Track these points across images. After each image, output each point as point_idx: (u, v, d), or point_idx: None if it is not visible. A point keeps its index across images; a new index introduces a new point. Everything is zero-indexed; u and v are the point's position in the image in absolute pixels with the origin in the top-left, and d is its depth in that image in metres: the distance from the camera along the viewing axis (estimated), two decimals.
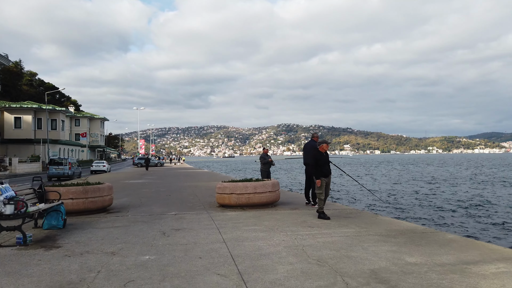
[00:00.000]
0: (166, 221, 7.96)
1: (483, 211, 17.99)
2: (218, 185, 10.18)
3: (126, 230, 7.03)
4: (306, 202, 10.51)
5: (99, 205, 9.32)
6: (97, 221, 8.07)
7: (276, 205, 10.32)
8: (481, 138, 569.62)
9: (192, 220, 8.04)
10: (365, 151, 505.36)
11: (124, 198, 12.82)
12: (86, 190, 9.04)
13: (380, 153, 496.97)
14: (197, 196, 13.30)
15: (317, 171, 8.26)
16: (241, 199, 9.72)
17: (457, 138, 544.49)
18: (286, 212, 9.15)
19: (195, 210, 9.63)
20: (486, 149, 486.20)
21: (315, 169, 8.30)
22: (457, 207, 19.37)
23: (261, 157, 15.13)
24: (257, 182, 9.88)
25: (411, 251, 5.27)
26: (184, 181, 21.86)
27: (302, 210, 9.50)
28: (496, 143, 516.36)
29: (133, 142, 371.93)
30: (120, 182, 22.26)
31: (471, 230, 13.43)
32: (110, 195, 9.72)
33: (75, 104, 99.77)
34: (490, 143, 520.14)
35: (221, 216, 8.62)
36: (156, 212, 9.45)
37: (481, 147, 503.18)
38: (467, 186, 31.05)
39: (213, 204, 10.76)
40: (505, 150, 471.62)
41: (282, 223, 7.54)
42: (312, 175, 10.19)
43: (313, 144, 10.32)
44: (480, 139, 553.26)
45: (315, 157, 8.39)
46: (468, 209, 18.51)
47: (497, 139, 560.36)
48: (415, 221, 14.44)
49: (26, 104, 54.38)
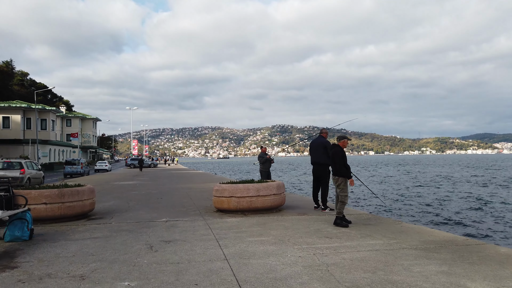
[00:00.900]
0: (155, 230, 6.73)
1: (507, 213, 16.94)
2: (216, 187, 8.96)
3: (106, 242, 5.79)
4: (314, 206, 9.31)
5: (78, 211, 8.06)
6: (73, 231, 6.82)
7: (281, 210, 9.13)
8: (473, 139, 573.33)
9: (186, 229, 6.82)
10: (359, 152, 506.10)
11: (111, 202, 11.56)
12: (63, 193, 7.77)
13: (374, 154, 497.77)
14: (192, 199, 12.06)
15: (347, 170, 7.13)
16: (242, 203, 8.51)
17: (450, 139, 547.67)
18: (294, 218, 7.96)
19: (189, 216, 8.41)
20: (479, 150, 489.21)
21: (344, 168, 7.15)
22: (476, 210, 18.30)
23: (259, 156, 13.96)
24: (260, 184, 8.68)
25: (468, 273, 4.10)
26: (177, 183, 20.59)
27: (312, 215, 8.31)
28: (489, 144, 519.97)
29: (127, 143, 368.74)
30: (110, 183, 20.94)
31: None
32: (91, 199, 8.46)
33: (68, 105, 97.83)
34: (483, 144, 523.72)
35: (220, 223, 7.41)
36: (144, 218, 8.22)
37: (474, 148, 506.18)
38: (476, 187, 30.08)
39: (210, 209, 9.55)
40: (498, 151, 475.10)
41: (293, 233, 6.34)
42: (325, 176, 9.05)
43: (322, 140, 9.15)
44: (473, 140, 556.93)
45: (342, 155, 7.22)
46: (488, 213, 17.43)
47: (490, 140, 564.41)
48: (437, 227, 13.20)
49: (14, 103, 52.69)
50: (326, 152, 9.04)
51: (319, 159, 8.98)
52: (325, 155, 9.03)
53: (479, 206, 19.26)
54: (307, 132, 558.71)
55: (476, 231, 13.18)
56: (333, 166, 7.32)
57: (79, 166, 36.33)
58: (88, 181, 23.67)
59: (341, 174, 7.17)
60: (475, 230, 13.27)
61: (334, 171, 7.31)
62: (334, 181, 7.32)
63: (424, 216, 16.13)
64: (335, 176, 7.30)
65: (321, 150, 8.99)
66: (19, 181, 21.52)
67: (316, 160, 9.03)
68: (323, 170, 9.02)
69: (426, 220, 15.04)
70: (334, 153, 7.29)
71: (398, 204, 20.49)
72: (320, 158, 8.98)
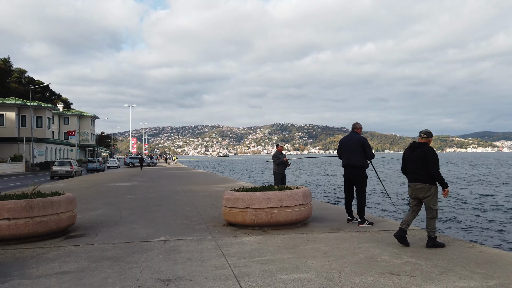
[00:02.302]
0: (149, 258, 4.98)
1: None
2: (227, 195, 7.21)
3: (77, 284, 4.05)
4: (348, 219, 7.55)
5: (52, 227, 6.30)
6: (38, 259, 5.07)
7: (307, 223, 7.38)
8: (473, 137, 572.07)
9: (192, 256, 5.07)
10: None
11: (100, 210, 9.81)
12: (31, 205, 6.02)
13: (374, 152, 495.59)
14: (195, 206, 10.31)
15: (442, 176, 5.55)
16: (261, 216, 6.76)
17: (450, 137, 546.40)
18: (329, 237, 6.21)
19: (194, 233, 6.66)
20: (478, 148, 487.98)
21: (441, 174, 5.52)
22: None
23: (274, 156, 12.23)
24: (283, 192, 6.92)
25: None
26: (178, 184, 18.83)
27: (350, 232, 6.56)
28: (489, 142, 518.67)
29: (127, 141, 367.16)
30: (104, 185, 19.18)
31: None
32: (70, 212, 6.69)
33: (66, 103, 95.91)
34: (483, 142, 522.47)
35: (235, 245, 5.66)
36: (137, 235, 6.47)
37: (474, 146, 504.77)
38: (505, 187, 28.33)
39: (218, 220, 7.81)
40: (498, 149, 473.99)
41: (339, 264, 4.60)
42: (362, 182, 7.29)
43: (358, 137, 7.40)
44: (473, 138, 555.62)
45: (436, 158, 5.58)
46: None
47: (490, 138, 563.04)
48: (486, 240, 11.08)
49: (9, 100, 50.79)
50: (364, 152, 7.31)
51: (356, 161, 7.22)
52: (363, 156, 7.29)
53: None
54: (307, 130, 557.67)
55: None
56: (421, 171, 5.61)
57: (98, 163, 45.22)
58: (80, 182, 21.92)
59: (435, 182, 5.57)
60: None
61: (423, 178, 5.61)
62: (420, 190, 5.63)
63: (461, 227, 14.23)
64: (426, 184, 5.59)
65: (359, 150, 7.24)
66: (71, 174, 30.95)
67: (352, 161, 7.26)
68: (360, 174, 7.27)
69: (472, 235, 12.74)
70: (426, 154, 5.59)
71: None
72: (356, 160, 7.22)
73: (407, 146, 6.06)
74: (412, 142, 5.96)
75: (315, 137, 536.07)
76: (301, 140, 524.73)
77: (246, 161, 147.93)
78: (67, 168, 31.30)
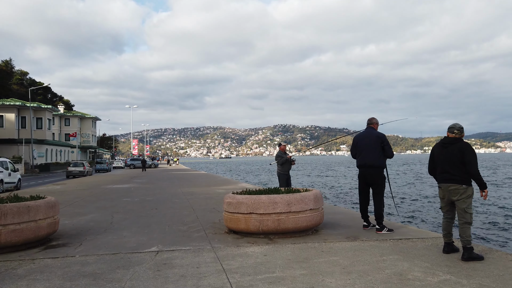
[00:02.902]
0: (136, 276, 4.19)
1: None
2: (228, 198, 6.41)
3: None
4: (364, 225, 6.74)
5: (29, 236, 5.53)
6: (4, 276, 4.28)
7: (318, 230, 6.58)
8: (476, 138, 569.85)
9: (186, 273, 4.28)
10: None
11: (91, 214, 9.04)
12: (4, 211, 5.25)
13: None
14: (194, 210, 9.53)
15: (481, 176, 4.85)
16: (267, 223, 5.97)
17: None
18: (345, 247, 5.41)
19: (191, 242, 5.87)
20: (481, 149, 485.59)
21: (479, 174, 4.82)
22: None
23: (277, 156, 11.45)
24: (292, 195, 6.12)
25: None
26: (178, 186, 18.04)
27: (368, 241, 5.76)
28: (491, 143, 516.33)
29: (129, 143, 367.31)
30: (101, 187, 18.42)
31: None
32: (51, 218, 5.91)
33: (68, 105, 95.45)
34: (486, 143, 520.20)
35: (238, 258, 4.87)
36: (126, 245, 5.69)
37: (477, 147, 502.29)
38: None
39: (218, 227, 7.02)
40: (501, 150, 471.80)
41: (364, 284, 3.79)
42: (381, 183, 6.49)
43: (377, 134, 6.60)
44: (476, 139, 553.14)
45: (475, 156, 4.89)
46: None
47: (492, 139, 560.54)
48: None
49: (8, 101, 50.22)
50: (382, 150, 6.51)
51: (374, 160, 6.40)
52: (381, 154, 6.48)
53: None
54: (309, 132, 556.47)
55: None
56: (455, 170, 4.88)
57: (105, 164, 48.47)
58: (77, 184, 21.17)
59: (471, 182, 4.87)
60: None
61: (457, 178, 4.86)
62: (454, 192, 4.88)
63: (488, 234, 13.08)
64: (461, 184, 4.83)
65: (377, 147, 6.43)
66: (83, 173, 34.21)
67: (369, 161, 6.43)
68: (378, 175, 6.46)
69: (500, 242, 11.34)
70: (463, 151, 4.85)
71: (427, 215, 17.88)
72: (374, 159, 6.40)
73: (437, 143, 5.27)
74: (444, 138, 5.17)
75: (317, 138, 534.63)
76: (303, 142, 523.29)
77: (248, 162, 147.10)
78: (80, 168, 35.03)
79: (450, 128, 5.12)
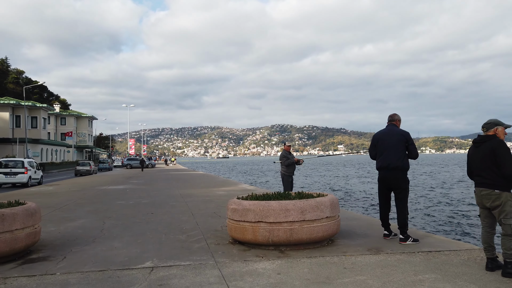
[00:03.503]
0: None
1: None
2: (233, 204, 5.67)
3: None
4: (384, 234, 6.00)
5: (4, 249, 4.76)
6: None
7: (334, 240, 5.86)
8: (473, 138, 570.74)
9: None
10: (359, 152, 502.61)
11: (80, 220, 8.27)
12: None
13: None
14: (194, 215, 8.78)
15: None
16: (278, 233, 5.23)
17: (449, 138, 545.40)
18: (369, 262, 4.68)
19: (191, 255, 5.13)
20: None
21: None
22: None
23: (282, 156, 10.75)
24: (306, 201, 5.39)
25: None
26: (175, 188, 17.28)
27: (395, 254, 5.03)
28: None
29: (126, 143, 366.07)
30: (95, 188, 17.63)
31: None
32: (30, 227, 5.15)
33: (64, 104, 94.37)
34: None
35: (247, 277, 4.13)
36: (115, 259, 4.94)
37: None
38: None
39: (221, 235, 6.28)
40: None
41: None
42: (404, 187, 5.75)
43: (401, 132, 5.87)
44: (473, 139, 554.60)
45: (509, 154, 4.15)
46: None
47: None
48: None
49: (3, 99, 49.23)
50: (406, 150, 5.78)
51: (397, 162, 5.66)
52: (405, 155, 5.76)
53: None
54: (307, 132, 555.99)
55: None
56: (486, 173, 4.21)
57: (107, 163, 50.85)
58: (71, 185, 20.35)
59: (508, 187, 4.13)
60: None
61: (489, 181, 4.18)
62: (487, 197, 4.21)
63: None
64: (493, 189, 4.16)
65: (401, 147, 5.70)
66: (90, 172, 37.31)
67: (392, 162, 5.69)
68: (402, 178, 5.73)
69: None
70: (494, 149, 4.15)
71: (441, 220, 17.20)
72: (398, 160, 5.66)
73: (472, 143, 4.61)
74: (477, 137, 4.51)
75: (315, 138, 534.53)
76: (300, 142, 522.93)
77: (246, 162, 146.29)
78: (87, 167, 38.10)
79: (482, 127, 4.51)
